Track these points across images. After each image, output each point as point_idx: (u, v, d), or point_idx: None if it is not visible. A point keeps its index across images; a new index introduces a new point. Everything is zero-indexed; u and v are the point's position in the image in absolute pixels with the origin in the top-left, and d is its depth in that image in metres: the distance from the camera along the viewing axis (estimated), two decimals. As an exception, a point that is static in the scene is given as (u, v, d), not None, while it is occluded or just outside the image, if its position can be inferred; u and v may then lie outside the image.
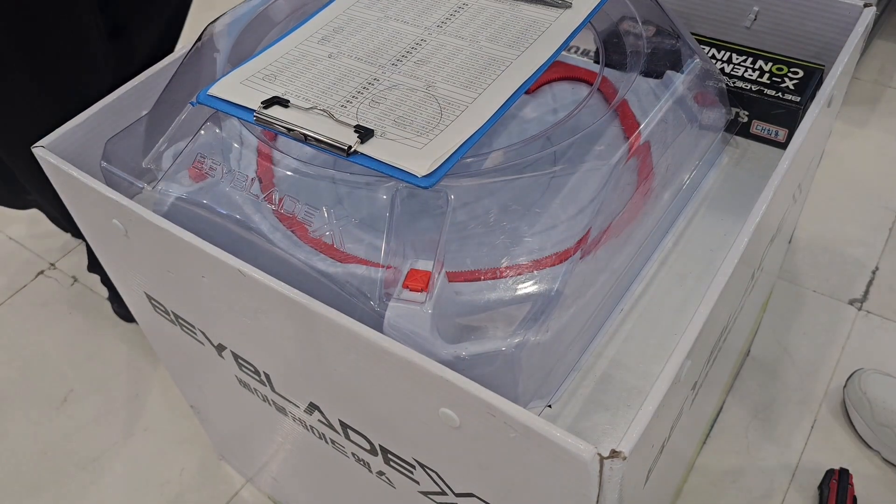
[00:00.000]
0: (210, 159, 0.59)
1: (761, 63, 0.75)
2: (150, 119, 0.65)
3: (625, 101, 0.61)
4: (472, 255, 0.53)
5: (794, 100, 0.71)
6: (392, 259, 0.52)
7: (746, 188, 0.69)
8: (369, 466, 0.65)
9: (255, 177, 0.57)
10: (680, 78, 0.63)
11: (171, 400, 1.22)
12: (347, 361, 0.51)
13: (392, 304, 0.50)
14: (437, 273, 0.50)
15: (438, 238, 0.51)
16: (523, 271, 0.52)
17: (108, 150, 0.64)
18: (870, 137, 1.58)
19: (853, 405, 1.10)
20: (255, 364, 0.66)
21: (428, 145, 0.52)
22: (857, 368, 1.14)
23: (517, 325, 0.49)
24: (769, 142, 0.74)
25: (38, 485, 1.14)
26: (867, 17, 0.72)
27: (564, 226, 0.55)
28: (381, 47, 0.62)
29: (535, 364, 0.50)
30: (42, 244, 1.51)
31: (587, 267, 0.53)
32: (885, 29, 1.81)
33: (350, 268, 0.53)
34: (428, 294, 0.49)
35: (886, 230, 1.40)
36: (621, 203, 0.57)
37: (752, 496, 1.06)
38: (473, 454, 0.48)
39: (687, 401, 0.60)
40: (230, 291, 0.56)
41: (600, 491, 0.42)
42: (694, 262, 0.62)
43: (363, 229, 0.54)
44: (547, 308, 0.50)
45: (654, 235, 0.63)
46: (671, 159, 0.62)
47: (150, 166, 0.62)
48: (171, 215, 0.60)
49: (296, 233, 0.55)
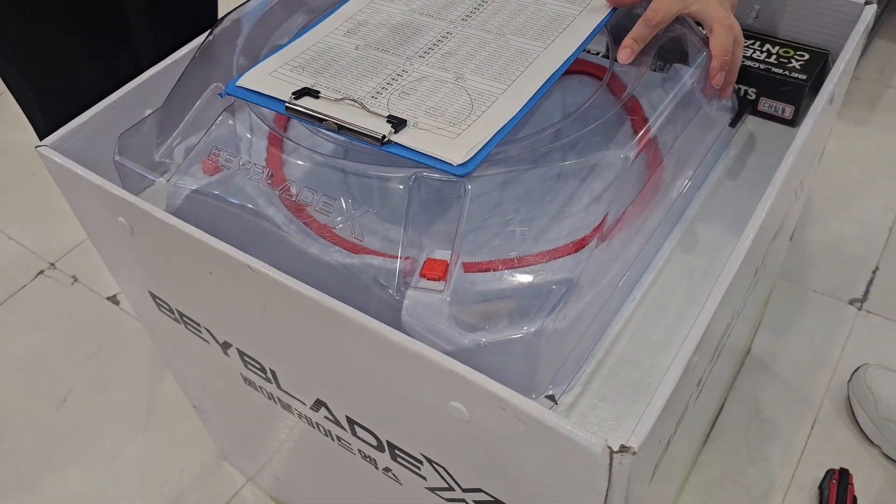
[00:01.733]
0: (225, 152, 0.59)
1: (769, 46, 0.78)
2: (163, 112, 0.65)
3: (634, 95, 0.61)
4: (487, 246, 0.54)
5: (801, 77, 0.73)
6: (409, 249, 0.52)
7: (751, 181, 0.70)
8: (375, 463, 0.65)
9: (270, 169, 0.58)
10: (689, 71, 0.64)
11: (172, 400, 1.22)
12: (356, 356, 0.51)
13: (410, 292, 0.50)
14: (455, 262, 0.51)
15: (456, 228, 0.51)
16: (540, 261, 0.53)
17: (121, 144, 0.64)
18: (870, 137, 1.59)
19: (857, 400, 1.11)
20: (261, 361, 0.66)
21: (461, 135, 0.53)
22: (862, 364, 1.14)
23: (535, 313, 0.50)
24: (776, 118, 0.76)
25: (38, 485, 1.14)
26: (868, 15, 0.72)
27: (579, 216, 0.55)
28: (407, 40, 0.63)
29: (553, 351, 0.51)
30: (42, 244, 1.50)
31: (602, 256, 0.54)
32: (885, 29, 1.82)
33: (367, 258, 0.53)
34: (446, 283, 0.50)
35: (886, 230, 1.40)
36: (633, 193, 0.57)
37: (752, 496, 1.06)
38: (482, 448, 0.49)
39: (692, 397, 0.60)
40: (238, 287, 0.56)
41: (609, 485, 0.43)
42: (699, 258, 0.63)
43: (380, 221, 0.55)
44: (564, 296, 0.50)
45: (663, 228, 0.63)
46: (681, 151, 0.62)
47: (164, 159, 0.62)
48: (185, 208, 0.60)
49: (311, 225, 0.56)
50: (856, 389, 1.12)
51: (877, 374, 1.10)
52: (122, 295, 1.39)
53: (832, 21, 0.75)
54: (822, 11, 0.75)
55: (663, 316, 0.58)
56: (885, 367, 1.13)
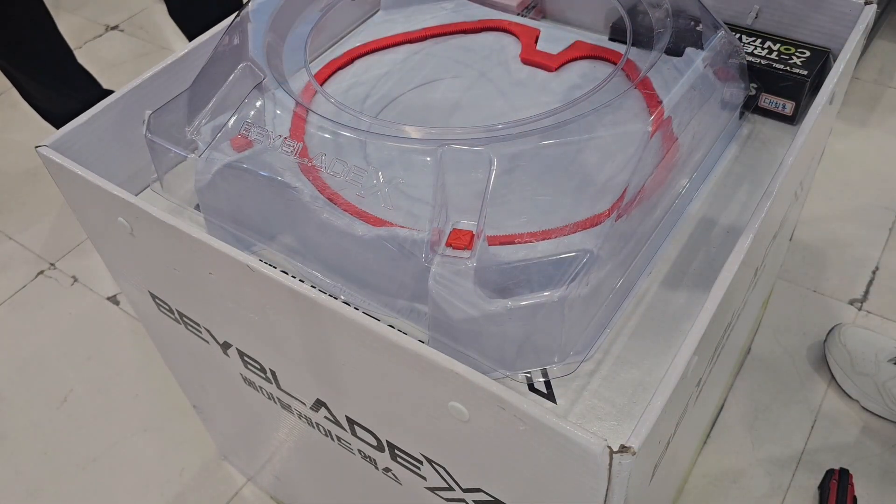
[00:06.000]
0: (255, 128, 0.60)
1: (770, 44, 0.78)
2: (193, 91, 0.66)
3: (649, 77, 0.62)
4: (510, 219, 0.55)
5: (802, 72, 0.73)
6: (436, 220, 0.53)
7: (751, 181, 0.70)
8: (375, 463, 0.65)
9: (299, 144, 0.58)
10: (702, 54, 0.64)
11: (172, 400, 1.22)
12: (356, 356, 0.51)
13: (437, 259, 0.51)
14: (480, 232, 0.52)
15: (482, 199, 0.52)
16: (561, 234, 0.54)
17: (151, 122, 0.65)
18: (870, 137, 1.59)
19: (833, 358, 1.17)
20: (260, 361, 0.66)
21: None
22: (837, 323, 1.20)
23: (557, 281, 0.51)
24: (776, 115, 0.76)
25: (38, 485, 1.14)
26: (868, 15, 0.72)
27: (599, 189, 0.56)
28: None
29: (576, 317, 0.52)
30: (42, 244, 1.50)
31: (621, 228, 0.55)
32: (885, 29, 1.82)
33: (393, 230, 0.55)
34: (472, 252, 0.51)
35: (886, 230, 1.40)
36: (651, 169, 0.58)
37: (752, 496, 1.06)
38: (482, 448, 0.49)
39: (692, 397, 0.60)
40: (238, 287, 0.56)
41: (609, 485, 0.43)
42: (699, 257, 0.63)
43: (406, 193, 0.56)
44: (585, 265, 0.52)
45: (664, 226, 0.63)
46: (694, 130, 0.63)
47: (194, 137, 0.63)
48: (215, 184, 0.61)
49: (338, 198, 0.57)
50: (831, 348, 1.18)
51: (850, 331, 1.18)
52: (122, 295, 1.39)
53: (832, 21, 0.75)
54: (822, 11, 0.75)
55: (663, 316, 0.58)
56: (858, 325, 1.20)
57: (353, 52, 0.77)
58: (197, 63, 0.70)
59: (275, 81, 0.62)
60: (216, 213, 0.64)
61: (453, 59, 0.76)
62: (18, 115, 1.82)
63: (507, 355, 0.53)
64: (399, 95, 0.72)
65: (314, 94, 0.65)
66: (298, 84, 0.67)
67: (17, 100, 1.83)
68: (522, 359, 0.53)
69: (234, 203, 0.62)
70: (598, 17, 0.87)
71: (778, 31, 0.79)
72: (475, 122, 0.68)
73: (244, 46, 0.66)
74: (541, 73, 0.73)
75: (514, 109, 0.69)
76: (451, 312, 0.51)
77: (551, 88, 0.71)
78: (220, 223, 0.65)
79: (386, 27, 0.81)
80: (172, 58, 0.74)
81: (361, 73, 0.75)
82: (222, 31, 0.70)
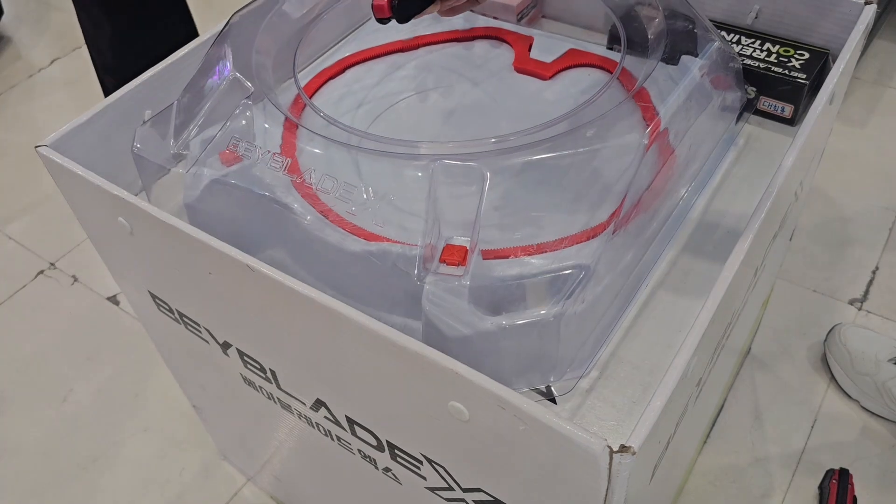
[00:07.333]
0: (243, 142, 0.59)
1: (769, 45, 0.78)
2: (180, 104, 0.66)
3: (645, 86, 0.62)
4: (504, 234, 0.55)
5: (801, 76, 0.73)
6: (429, 236, 0.53)
7: (751, 181, 0.70)
8: (375, 463, 0.65)
9: (288, 159, 0.58)
10: (698, 62, 0.64)
11: (171, 400, 1.22)
12: (356, 356, 0.51)
13: (430, 277, 0.51)
14: (474, 248, 0.51)
15: (475, 214, 0.52)
16: (557, 247, 0.53)
17: (139, 135, 0.65)
18: (870, 137, 1.59)
19: (834, 357, 1.17)
20: (260, 361, 0.66)
21: None
22: (837, 323, 1.20)
23: (553, 297, 0.50)
24: (776, 118, 0.76)
25: (38, 485, 1.14)
26: (868, 15, 0.72)
27: (595, 203, 0.56)
28: None
29: (572, 334, 0.51)
30: (42, 244, 1.50)
31: (618, 242, 0.55)
32: (885, 29, 1.82)
33: (385, 246, 0.54)
34: (465, 268, 0.50)
35: (886, 230, 1.40)
36: (647, 181, 0.58)
37: (752, 496, 1.06)
38: (482, 448, 0.49)
39: (692, 397, 0.60)
40: (238, 288, 0.56)
41: (609, 485, 0.43)
42: (699, 258, 0.63)
43: (397, 208, 0.55)
44: (581, 281, 0.51)
45: (665, 228, 0.63)
46: (691, 140, 0.63)
47: (181, 150, 0.63)
48: (203, 199, 0.60)
49: (330, 213, 0.57)
50: (832, 347, 1.18)
51: (850, 331, 1.18)
52: (122, 295, 1.39)
53: (832, 21, 0.75)
54: (822, 11, 0.75)
55: (663, 316, 0.58)
56: (858, 325, 1.20)
57: (345, 62, 0.77)
58: (200, 62, 0.70)
59: (263, 94, 0.62)
60: (205, 228, 0.64)
61: (446, 68, 0.76)
62: (19, 116, 1.82)
63: (503, 373, 0.52)
64: (391, 105, 0.71)
65: (304, 107, 0.65)
66: (288, 96, 0.67)
67: (18, 100, 1.84)
68: (518, 377, 0.53)
69: (224, 218, 0.62)
70: (598, 18, 0.87)
71: (778, 31, 0.79)
72: (468, 132, 0.68)
73: (231, 58, 0.65)
74: (534, 82, 0.73)
75: (507, 119, 0.69)
76: (445, 331, 0.50)
77: (545, 97, 0.71)
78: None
79: (378, 36, 0.80)
80: (174, 57, 0.74)
81: (353, 83, 0.75)
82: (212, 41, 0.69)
